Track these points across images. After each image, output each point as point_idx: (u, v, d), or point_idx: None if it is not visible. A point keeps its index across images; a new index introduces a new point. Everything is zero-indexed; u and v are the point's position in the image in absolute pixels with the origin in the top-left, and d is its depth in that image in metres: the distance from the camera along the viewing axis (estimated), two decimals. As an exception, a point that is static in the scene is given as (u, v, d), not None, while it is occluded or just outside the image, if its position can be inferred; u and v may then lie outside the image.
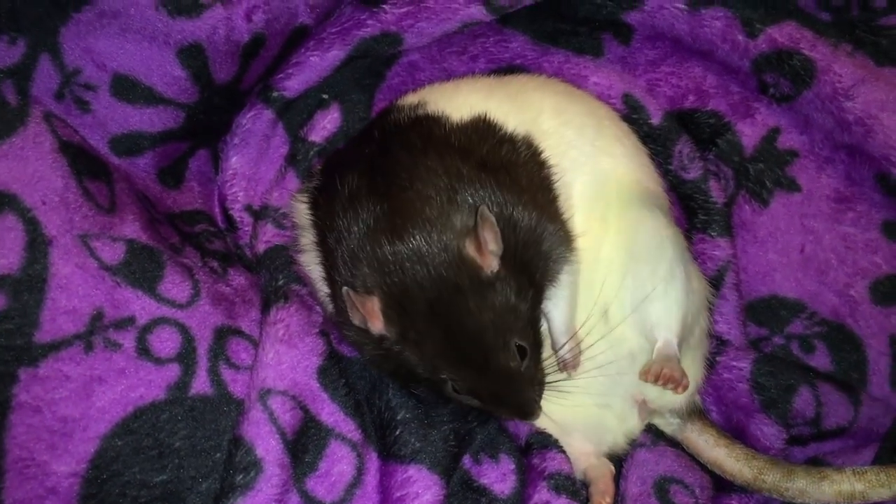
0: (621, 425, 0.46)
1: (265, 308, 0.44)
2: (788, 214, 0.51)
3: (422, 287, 0.38)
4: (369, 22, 0.50)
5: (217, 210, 0.51)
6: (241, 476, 0.36)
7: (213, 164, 0.52)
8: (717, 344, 0.50)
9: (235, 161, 0.51)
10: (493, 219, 0.38)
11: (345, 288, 0.39)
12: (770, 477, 0.46)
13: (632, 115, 0.51)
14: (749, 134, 0.51)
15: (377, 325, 0.39)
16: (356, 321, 0.39)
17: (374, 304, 0.38)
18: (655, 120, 0.51)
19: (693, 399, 0.48)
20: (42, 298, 0.37)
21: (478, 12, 0.50)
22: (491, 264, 0.38)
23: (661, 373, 0.42)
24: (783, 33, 0.49)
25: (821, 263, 0.51)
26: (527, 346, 0.39)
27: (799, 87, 0.50)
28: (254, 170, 0.51)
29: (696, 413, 0.48)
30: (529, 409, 0.40)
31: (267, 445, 0.37)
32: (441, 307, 0.38)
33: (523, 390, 0.39)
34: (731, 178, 0.52)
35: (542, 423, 0.45)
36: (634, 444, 0.47)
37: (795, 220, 0.51)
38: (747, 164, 0.51)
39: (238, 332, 0.42)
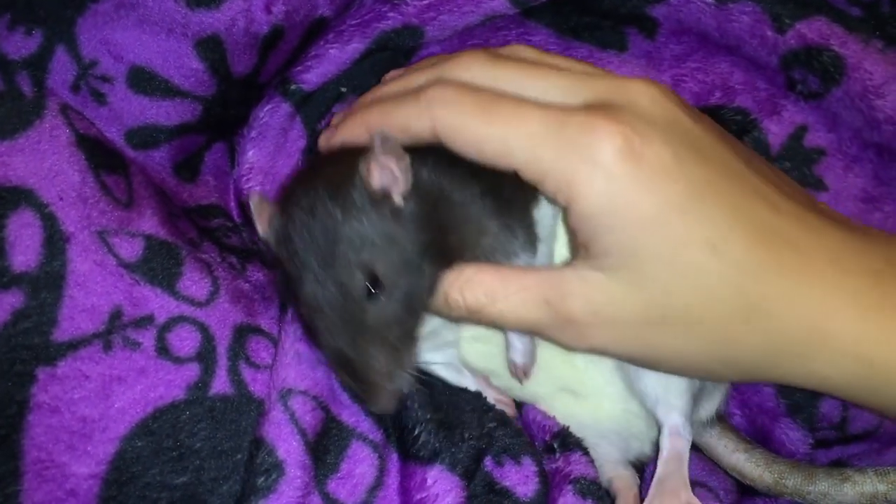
0: (649, 432, 0.46)
1: (283, 305, 0.43)
2: (815, 214, 0.50)
3: (303, 195, 0.37)
4: (390, 14, 0.49)
5: (233, 204, 0.51)
6: (262, 478, 0.36)
7: (229, 157, 0.51)
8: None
9: (252, 155, 0.50)
10: (393, 143, 0.36)
11: (255, 195, 0.39)
12: (791, 481, 0.46)
13: (656, 111, 0.50)
14: (776, 132, 0.50)
15: (262, 225, 0.38)
16: (258, 230, 0.39)
17: (265, 208, 0.38)
18: (681, 116, 0.50)
19: (722, 401, 0.47)
20: (60, 296, 0.37)
21: (501, 5, 0.49)
22: (375, 179, 0.36)
23: None
24: (813, 29, 0.48)
25: (847, 264, 0.50)
26: (385, 284, 0.36)
27: (828, 84, 0.49)
28: (271, 163, 0.50)
29: (715, 418, 0.48)
30: (363, 372, 0.36)
31: (288, 447, 0.37)
32: (309, 211, 0.36)
33: (362, 339, 0.36)
34: (757, 177, 0.51)
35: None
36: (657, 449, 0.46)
37: (822, 220, 0.50)
38: (774, 162, 0.50)
39: (258, 331, 0.41)
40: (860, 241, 0.36)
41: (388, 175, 0.36)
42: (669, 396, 0.42)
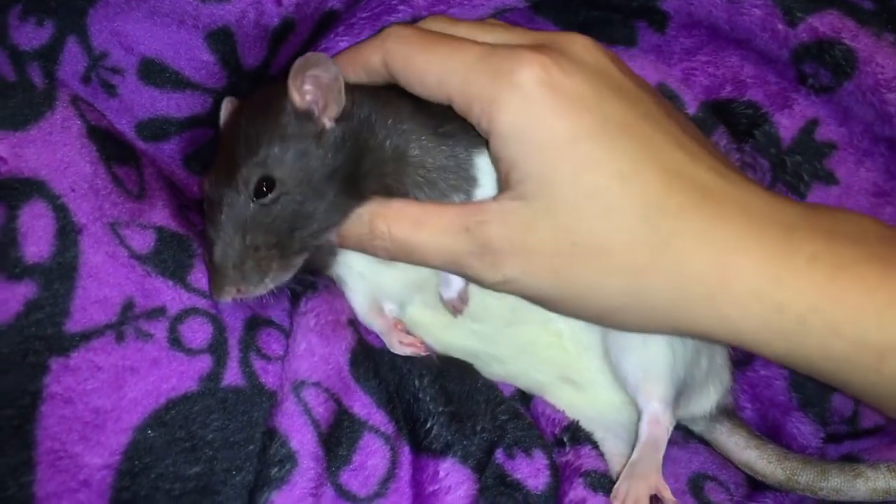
0: None
1: (294, 298, 0.43)
2: (825, 208, 0.50)
3: (254, 97, 0.41)
4: (400, 7, 0.49)
5: None
6: (276, 469, 0.36)
7: (239, 150, 0.51)
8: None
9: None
10: (327, 64, 0.39)
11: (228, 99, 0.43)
12: (803, 477, 0.46)
13: (667, 104, 0.50)
14: (787, 125, 0.50)
15: (222, 120, 0.43)
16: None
17: (230, 107, 0.43)
18: (691, 110, 0.50)
19: (722, 400, 0.47)
20: (73, 287, 0.37)
21: None
22: (300, 98, 0.39)
23: (627, 496, 0.40)
24: (824, 22, 0.48)
25: (858, 258, 0.50)
26: (275, 190, 0.38)
27: (839, 77, 0.48)
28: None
29: (725, 413, 0.47)
30: (215, 253, 0.38)
31: (302, 438, 0.37)
32: (248, 113, 0.40)
33: (226, 226, 0.38)
34: (768, 171, 0.50)
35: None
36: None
37: (832, 214, 0.50)
38: (784, 156, 0.50)
39: (269, 323, 0.41)
40: (776, 199, 0.37)
41: (318, 95, 0.39)
42: (649, 383, 0.42)
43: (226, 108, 0.44)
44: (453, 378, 0.43)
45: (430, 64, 0.37)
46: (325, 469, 0.37)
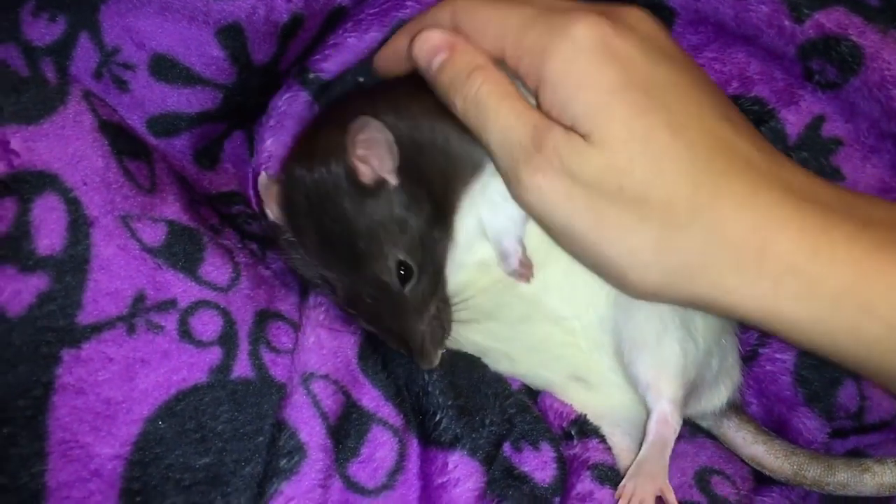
0: None
1: (304, 292, 0.43)
2: (831, 204, 0.50)
3: (303, 180, 0.40)
4: (409, 3, 0.49)
5: (252, 192, 0.51)
6: (285, 460, 0.36)
7: (248, 146, 0.51)
8: (760, 335, 0.49)
9: (270, 143, 0.50)
10: (373, 127, 0.38)
11: (261, 173, 0.43)
12: (811, 472, 0.46)
13: (674, 101, 0.50)
14: (793, 121, 0.50)
15: (272, 210, 0.42)
16: (266, 210, 0.43)
17: (273, 190, 0.42)
18: (698, 106, 0.50)
19: (731, 397, 0.47)
20: (85, 280, 0.37)
21: None
22: (366, 172, 0.39)
23: (634, 495, 0.40)
24: (831, 19, 0.48)
25: (864, 254, 0.50)
26: (413, 266, 0.39)
27: (846, 74, 0.48)
28: (289, 152, 0.51)
29: (732, 409, 0.48)
30: (413, 342, 0.40)
31: (311, 430, 0.37)
32: (316, 201, 0.39)
33: (406, 317, 0.40)
34: (775, 167, 0.51)
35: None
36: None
37: (839, 211, 0.50)
38: (791, 152, 0.50)
39: (278, 316, 0.41)
40: (816, 180, 0.37)
41: (375, 161, 0.39)
42: (660, 383, 0.42)
43: (266, 188, 0.42)
44: (462, 372, 0.43)
45: (492, 17, 0.38)
46: (334, 461, 0.38)
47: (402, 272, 0.39)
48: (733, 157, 0.35)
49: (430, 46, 0.39)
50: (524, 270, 0.42)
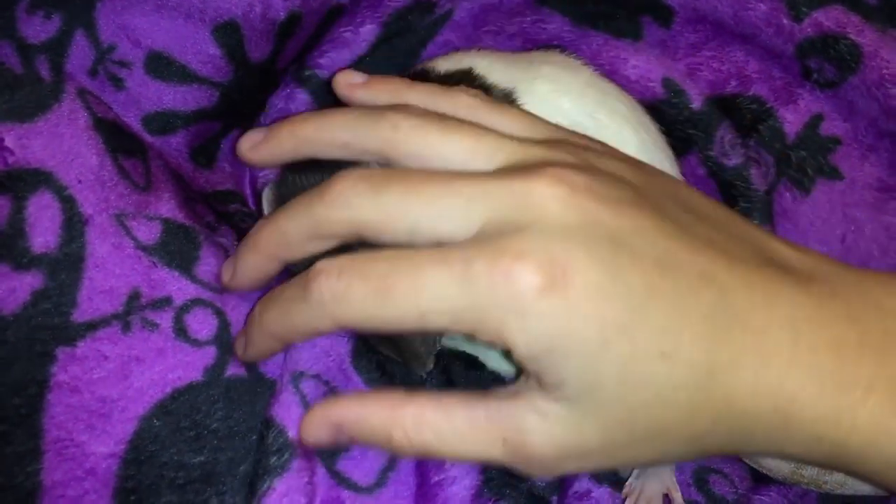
0: None
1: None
2: (830, 203, 0.50)
3: (301, 186, 0.38)
4: None
5: (249, 191, 0.51)
6: (275, 457, 0.36)
7: (245, 144, 0.51)
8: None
9: (267, 142, 0.50)
10: None
11: (266, 188, 0.41)
12: (808, 471, 0.46)
13: (672, 99, 0.50)
14: (791, 120, 0.50)
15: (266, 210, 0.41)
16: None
17: (272, 198, 0.41)
18: (696, 105, 0.50)
19: None
20: (79, 278, 0.37)
21: None
22: None
23: (641, 494, 0.40)
24: (830, 17, 0.48)
25: (862, 253, 0.50)
26: None
27: (844, 72, 0.48)
28: (286, 151, 0.50)
29: None
30: (404, 344, 0.37)
31: (298, 427, 0.37)
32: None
33: None
34: (772, 166, 0.51)
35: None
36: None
37: (837, 209, 0.50)
38: (789, 151, 0.50)
39: None
40: (816, 300, 0.33)
41: None
42: None
43: (269, 201, 0.42)
44: (459, 371, 0.43)
45: (400, 314, 0.31)
46: (323, 458, 0.37)
47: None
48: (729, 332, 0.31)
49: (324, 442, 0.34)
50: None
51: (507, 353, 0.31)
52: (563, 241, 0.30)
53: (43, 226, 0.37)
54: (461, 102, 0.36)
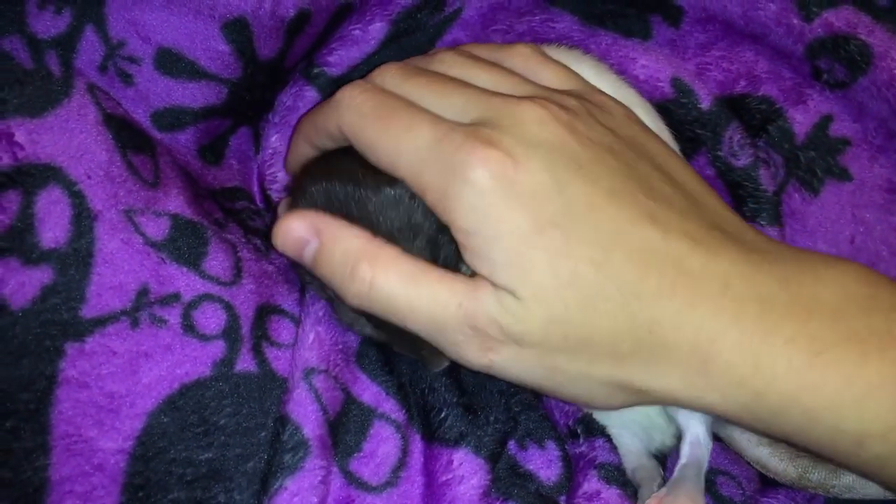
0: (669, 427, 0.45)
1: (304, 288, 0.43)
2: (839, 204, 0.50)
3: (320, 192, 0.39)
4: None
5: (256, 189, 0.51)
6: (289, 456, 0.36)
7: (253, 142, 0.51)
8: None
9: (276, 140, 0.50)
10: None
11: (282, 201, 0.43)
12: (815, 475, 0.45)
13: (681, 98, 0.50)
14: (801, 121, 0.50)
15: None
16: None
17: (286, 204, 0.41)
18: (705, 104, 0.50)
19: None
20: (88, 273, 0.37)
21: None
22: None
23: None
24: (840, 17, 0.48)
25: (871, 255, 0.50)
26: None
27: (854, 73, 0.48)
28: (294, 149, 0.51)
29: None
30: (423, 344, 0.37)
31: (314, 425, 0.37)
32: (334, 206, 0.38)
33: None
34: (782, 166, 0.50)
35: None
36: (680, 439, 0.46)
37: (846, 210, 0.50)
38: (798, 151, 0.50)
39: (280, 311, 0.41)
40: (755, 264, 0.35)
41: None
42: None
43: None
44: (467, 369, 0.42)
45: (382, 142, 0.35)
46: (333, 457, 0.37)
47: None
48: (664, 268, 0.34)
49: (293, 239, 0.36)
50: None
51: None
52: (526, 148, 0.34)
53: (52, 221, 0.37)
54: (517, 52, 0.41)
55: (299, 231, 0.36)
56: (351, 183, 0.37)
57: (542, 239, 0.33)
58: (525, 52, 0.41)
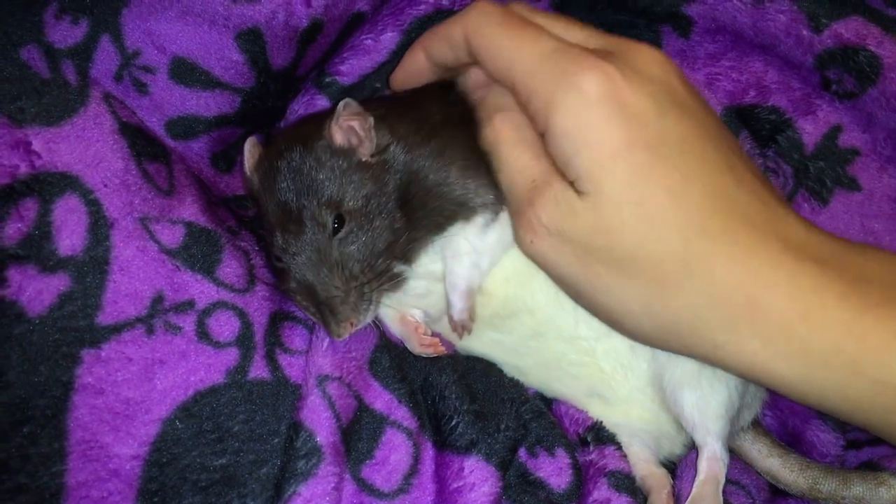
0: (679, 436, 0.46)
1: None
2: (848, 214, 0.50)
3: (281, 148, 0.43)
4: (422, 1, 0.49)
5: None
6: (302, 462, 0.36)
7: (265, 150, 0.51)
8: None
9: (287, 147, 0.50)
10: (355, 107, 0.42)
11: (251, 139, 0.45)
12: (826, 486, 0.45)
13: (691, 109, 0.50)
14: (810, 131, 0.50)
15: (248, 169, 0.45)
16: (245, 167, 0.45)
17: (255, 153, 0.45)
18: (715, 114, 0.50)
19: (757, 413, 0.47)
20: (105, 281, 0.37)
21: None
22: (341, 138, 0.42)
23: None
24: (849, 29, 0.48)
25: (880, 264, 0.50)
26: (347, 219, 0.41)
27: (863, 84, 0.48)
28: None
29: (749, 423, 0.47)
30: (325, 293, 0.40)
31: (327, 432, 0.37)
32: (287, 163, 0.42)
33: (324, 270, 0.40)
34: (791, 176, 0.51)
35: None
36: (689, 447, 0.46)
37: (855, 220, 0.50)
38: (808, 161, 0.50)
39: (293, 318, 0.42)
40: (813, 234, 0.37)
41: (352, 135, 0.42)
42: (707, 421, 0.42)
43: (250, 151, 0.45)
44: (478, 376, 0.43)
45: (504, 48, 0.38)
46: (345, 463, 0.38)
47: (335, 224, 0.40)
48: (731, 215, 0.35)
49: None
50: (458, 327, 0.43)
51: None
52: (639, 78, 0.36)
53: (69, 229, 0.37)
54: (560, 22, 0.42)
55: None
56: None
57: (629, 157, 0.35)
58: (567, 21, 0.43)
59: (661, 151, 0.35)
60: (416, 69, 0.44)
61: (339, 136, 0.42)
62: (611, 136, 0.35)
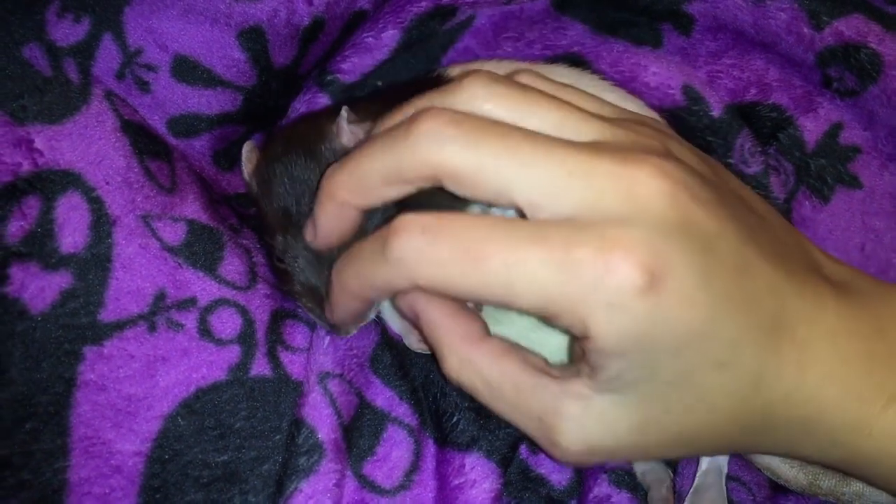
0: None
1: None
2: (849, 212, 0.50)
3: (278, 151, 0.43)
4: None
5: None
6: (304, 459, 0.36)
7: (266, 148, 0.52)
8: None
9: (289, 145, 0.51)
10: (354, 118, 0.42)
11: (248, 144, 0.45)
12: (826, 482, 0.45)
13: (692, 106, 0.50)
14: (811, 129, 0.50)
15: (247, 173, 0.44)
16: (244, 172, 0.45)
17: (253, 156, 0.44)
18: (716, 112, 0.50)
19: None
20: (107, 278, 0.37)
21: None
22: (345, 140, 0.41)
23: None
24: (850, 26, 0.48)
25: (881, 262, 0.50)
26: None
27: (864, 81, 0.49)
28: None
29: None
30: (322, 291, 0.39)
31: (329, 428, 0.37)
32: (284, 159, 0.42)
33: (324, 271, 0.39)
34: (792, 174, 0.51)
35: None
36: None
37: (856, 218, 0.50)
38: (808, 159, 0.50)
39: (294, 315, 0.42)
40: (854, 312, 0.33)
41: (355, 137, 0.41)
42: None
43: (247, 156, 0.45)
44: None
45: (485, 283, 0.29)
46: (347, 460, 0.38)
47: None
48: (779, 342, 0.31)
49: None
50: (422, 347, 0.43)
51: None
52: (665, 241, 0.29)
53: (72, 226, 0.38)
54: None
55: (405, 306, 0.34)
56: None
57: (682, 356, 0.30)
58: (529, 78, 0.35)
59: (710, 332, 0.30)
60: (340, 223, 0.35)
61: (346, 137, 0.41)
62: (662, 340, 0.30)
